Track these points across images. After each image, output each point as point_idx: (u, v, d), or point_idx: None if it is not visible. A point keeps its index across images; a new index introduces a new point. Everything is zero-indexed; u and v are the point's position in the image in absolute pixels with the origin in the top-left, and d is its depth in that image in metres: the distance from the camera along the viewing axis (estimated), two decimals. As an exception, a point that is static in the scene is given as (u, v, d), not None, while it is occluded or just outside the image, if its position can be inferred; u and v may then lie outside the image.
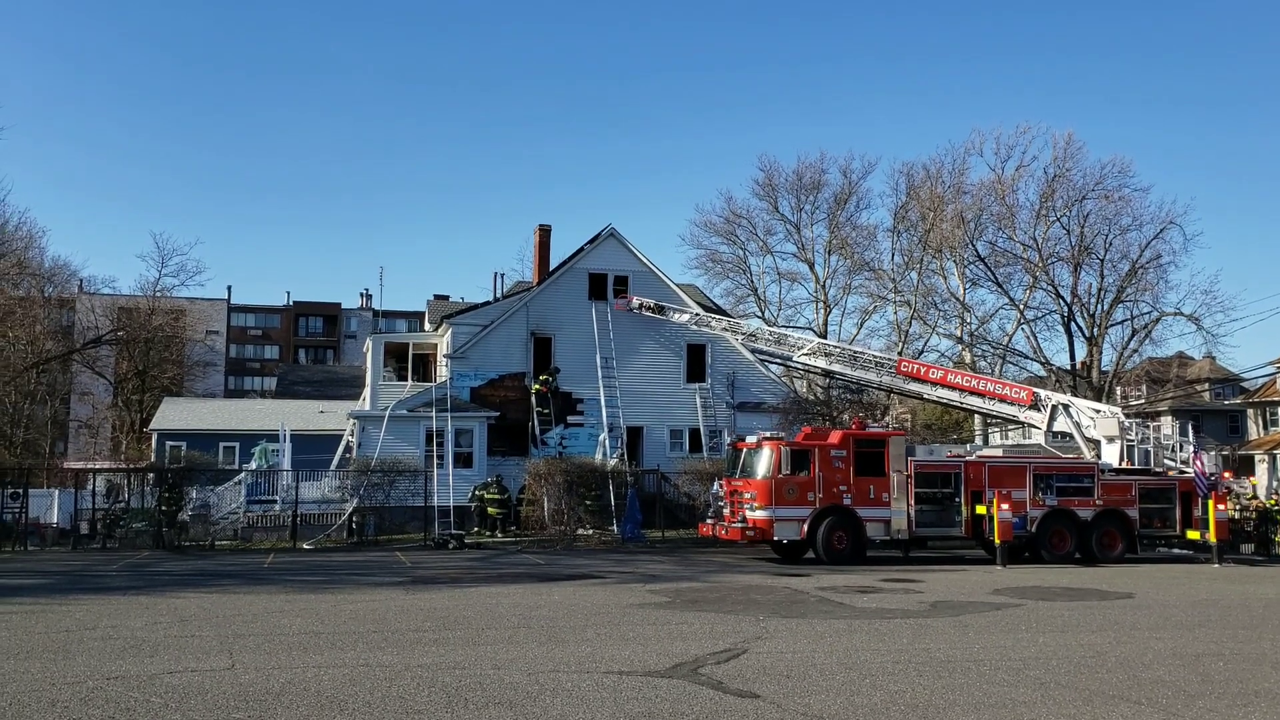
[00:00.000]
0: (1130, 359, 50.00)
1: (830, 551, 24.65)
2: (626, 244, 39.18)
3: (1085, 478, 26.73)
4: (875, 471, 25.45)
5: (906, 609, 15.94)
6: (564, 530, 30.66)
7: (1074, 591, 18.91)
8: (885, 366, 32.92)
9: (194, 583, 19.60)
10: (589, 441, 36.61)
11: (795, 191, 55.42)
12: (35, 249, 58.35)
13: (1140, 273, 47.51)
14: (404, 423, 35.10)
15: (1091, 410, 29.37)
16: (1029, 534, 25.63)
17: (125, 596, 17.18)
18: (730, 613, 15.18)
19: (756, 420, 35.78)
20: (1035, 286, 49.67)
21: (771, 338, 37.53)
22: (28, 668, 10.33)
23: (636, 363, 38.40)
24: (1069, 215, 48.86)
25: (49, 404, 64.63)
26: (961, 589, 19.10)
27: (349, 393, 49.60)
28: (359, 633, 12.91)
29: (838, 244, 53.95)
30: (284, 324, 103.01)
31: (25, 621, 13.91)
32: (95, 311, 62.91)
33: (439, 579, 20.33)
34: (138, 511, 30.18)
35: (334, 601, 16.45)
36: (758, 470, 25.16)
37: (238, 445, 42.66)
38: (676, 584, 19.36)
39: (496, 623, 13.96)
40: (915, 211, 52.00)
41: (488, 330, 37.33)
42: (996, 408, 30.87)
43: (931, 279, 52.31)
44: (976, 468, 26.22)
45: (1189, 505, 26.87)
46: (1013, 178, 50.56)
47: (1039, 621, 14.67)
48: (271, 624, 13.75)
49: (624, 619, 14.39)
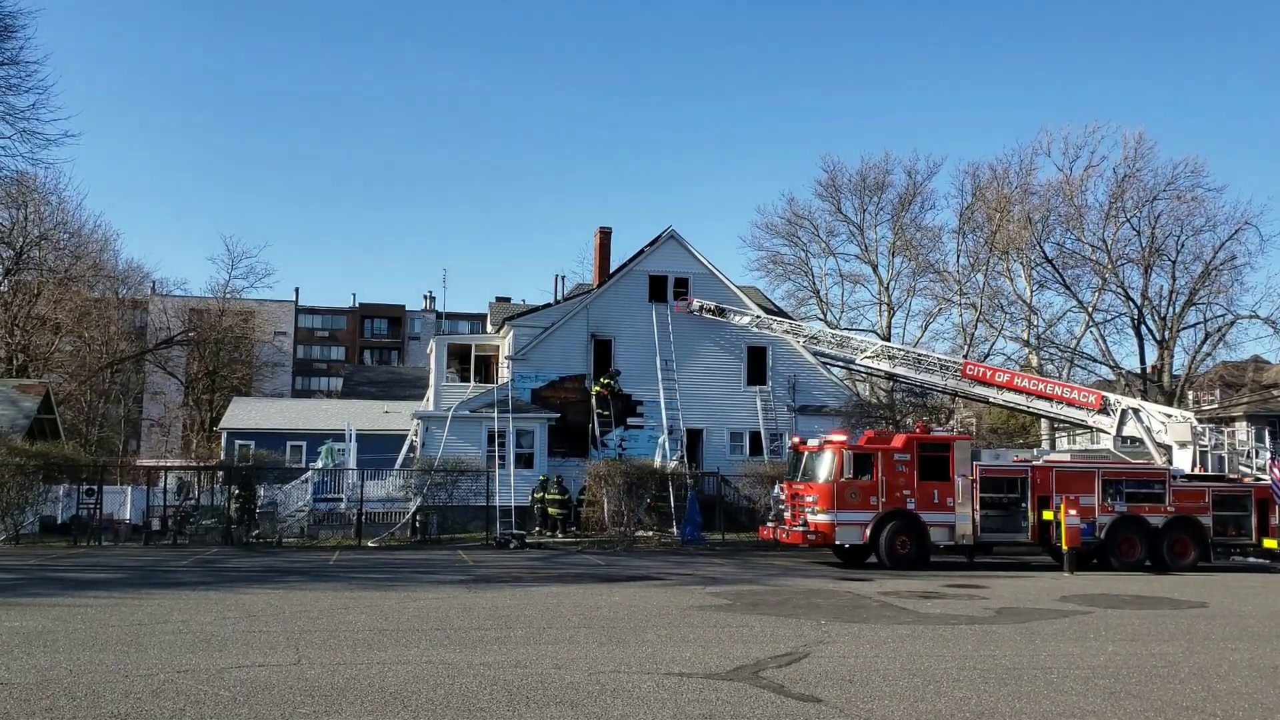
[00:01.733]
0: (1203, 363, 48.77)
1: (893, 556, 24.37)
2: (687, 246, 39.13)
3: (1156, 483, 26.13)
4: (939, 476, 25.11)
5: (971, 615, 15.70)
6: (624, 531, 30.71)
7: (1144, 600, 18.50)
8: (950, 370, 32.50)
9: (261, 579, 19.94)
10: (649, 443, 36.60)
11: (859, 192, 54.96)
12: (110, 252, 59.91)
13: (1214, 274, 46.35)
14: (466, 423, 35.41)
15: (1163, 415, 28.71)
16: (1097, 540, 25.12)
17: (195, 592, 17.53)
18: (791, 616, 15.07)
19: (818, 423, 35.51)
20: (1104, 289, 48.72)
21: (834, 340, 37.22)
22: (102, 659, 10.59)
23: (696, 365, 38.33)
24: (1139, 216, 47.86)
25: (123, 403, 66.30)
26: (1028, 595, 18.78)
27: (413, 393, 50.18)
28: (422, 630, 13.03)
29: (902, 245, 53.37)
30: (350, 325, 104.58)
31: (100, 614, 14.26)
32: (167, 313, 64.44)
33: (501, 578, 20.47)
34: (207, 509, 30.79)
35: (398, 599, 16.64)
36: (819, 474, 24.97)
37: (305, 444, 43.34)
38: (737, 587, 19.29)
39: (557, 622, 14.01)
40: (981, 212, 51.20)
41: (548, 332, 37.53)
42: (1064, 412, 30.32)
43: (998, 281, 51.54)
44: (1043, 472, 25.76)
45: (1265, 513, 26.12)
46: (1081, 178, 49.61)
47: (1108, 630, 14.36)
48: (337, 620, 13.95)
49: (684, 621, 14.37)
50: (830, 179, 55.37)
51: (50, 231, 51.47)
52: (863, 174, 54.84)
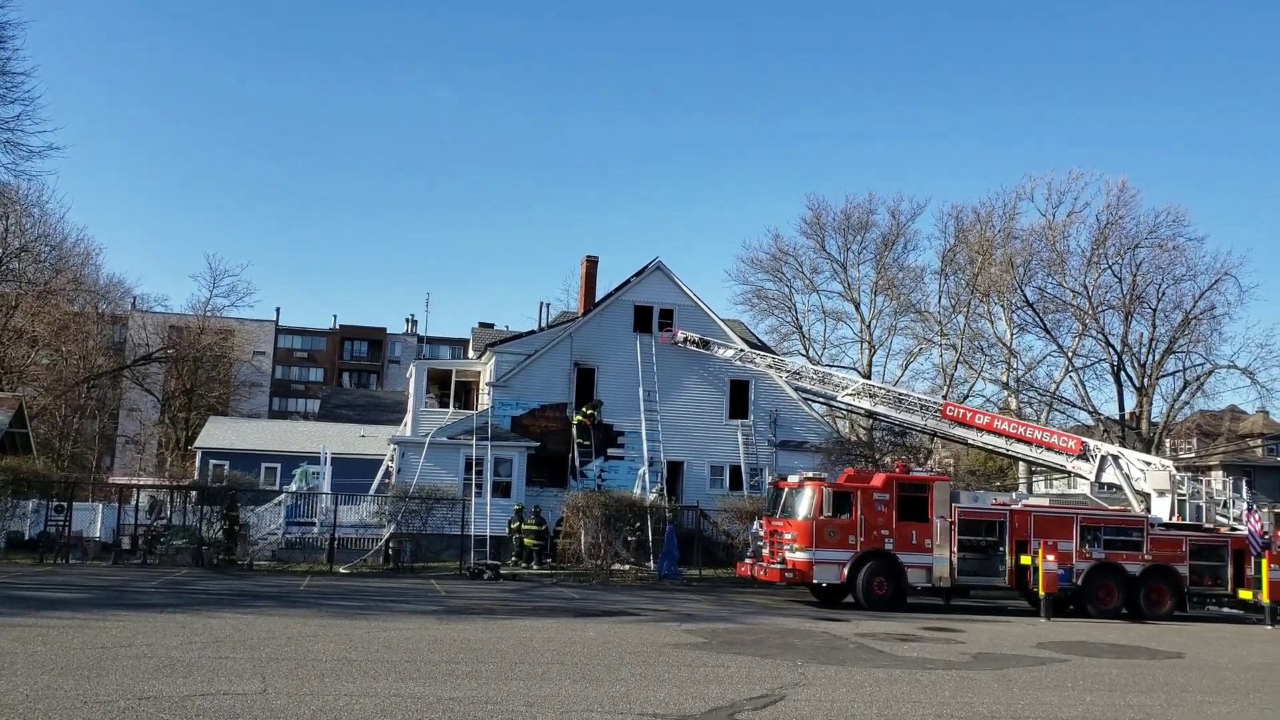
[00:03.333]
0: (1181, 411, 49.05)
1: (870, 597, 24.21)
2: (673, 277, 39.13)
3: (1134, 531, 26.09)
4: (918, 517, 25.01)
5: (948, 659, 15.56)
6: (600, 564, 30.43)
7: (1122, 649, 18.40)
8: (930, 410, 32.49)
9: (230, 603, 19.64)
10: (628, 475, 36.41)
11: (843, 231, 55.19)
12: (91, 266, 59.39)
13: (1193, 324, 46.67)
14: (444, 450, 35.13)
15: (1142, 462, 28.74)
16: (1074, 587, 25.03)
17: (162, 614, 17.23)
18: (767, 657, 14.90)
19: (798, 459, 35.43)
20: (1084, 334, 48.95)
21: (816, 376, 37.20)
22: (61, 684, 10.33)
23: (679, 397, 38.23)
24: (1121, 263, 48.20)
25: (98, 419, 65.63)
26: (1005, 641, 18.66)
27: (391, 418, 49.86)
28: (392, 661, 12.80)
29: (884, 285, 53.59)
30: (329, 347, 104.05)
31: (62, 636, 13.96)
32: (147, 329, 63.86)
33: (473, 609, 20.22)
34: (179, 529, 30.39)
35: (368, 628, 16.38)
36: (799, 511, 24.84)
37: (279, 466, 42.95)
38: (713, 624, 19.10)
39: (530, 657, 13.79)
40: (964, 254, 51.47)
41: (531, 360, 37.36)
42: (1043, 456, 30.30)
43: (978, 323, 51.72)
44: (1022, 516, 25.70)
45: (1241, 564, 26.06)
46: (1064, 224, 49.94)
47: (1086, 679, 14.25)
48: (305, 648, 13.70)
49: (659, 659, 14.17)
50: (815, 216, 55.63)
51: (31, 244, 51.04)
52: (847, 213, 55.14)
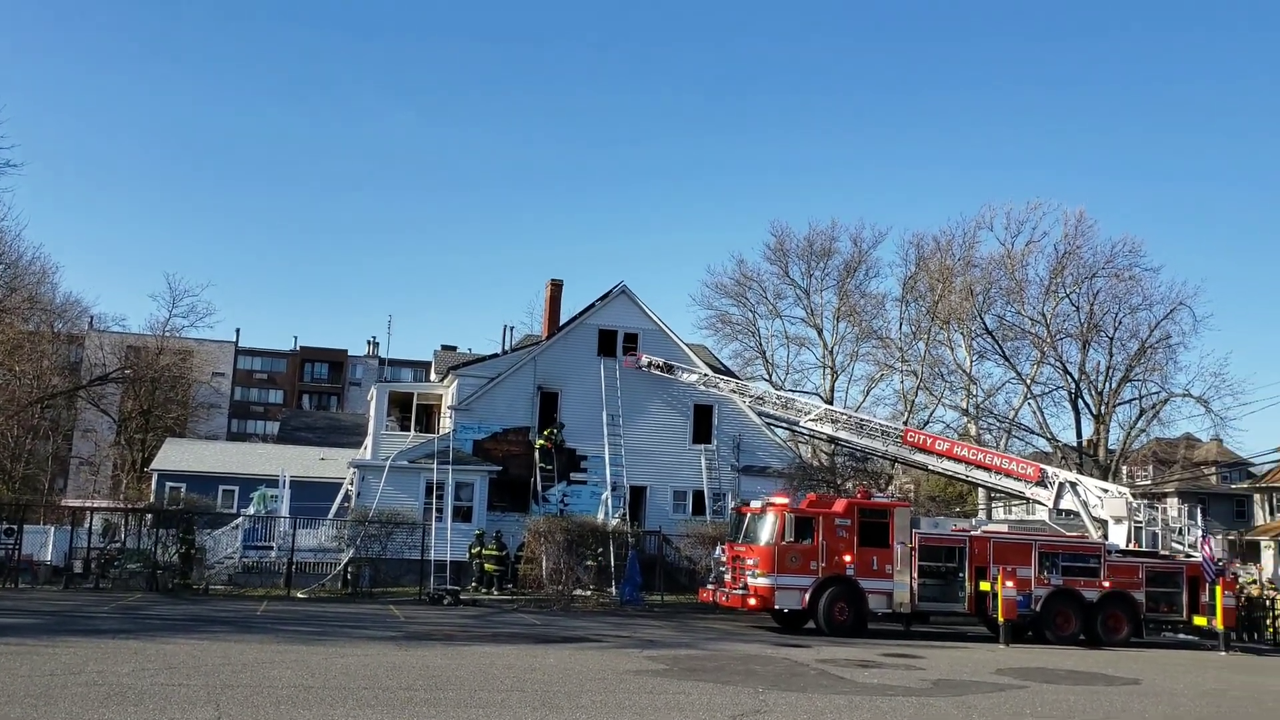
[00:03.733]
0: (1137, 439, 49.65)
1: (831, 623, 24.27)
2: (638, 302, 39.18)
3: (1092, 558, 26.36)
4: (879, 542, 25.14)
5: (908, 686, 15.60)
6: (562, 590, 30.27)
7: (1079, 675, 18.54)
8: (891, 435, 32.71)
9: (185, 628, 19.32)
10: (591, 500, 36.28)
11: (806, 257, 55.53)
12: (47, 284, 58.46)
13: (1149, 352, 47.34)
14: (404, 473, 34.87)
15: (1099, 489, 29.07)
16: (1033, 613, 25.23)
17: (114, 640, 16.91)
18: (729, 683, 14.86)
19: (761, 484, 35.47)
20: (1043, 362, 49.52)
21: (779, 401, 37.36)
22: (7, 713, 10.10)
23: (643, 421, 38.20)
24: (1078, 292, 48.87)
25: (51, 440, 64.47)
26: (964, 667, 18.74)
27: (351, 441, 49.41)
28: (349, 688, 12.64)
29: (846, 311, 53.95)
30: (290, 369, 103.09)
31: (9, 663, 13.66)
32: (104, 349, 62.94)
33: (433, 635, 20.02)
34: (133, 552, 29.90)
35: (325, 654, 16.16)
36: (761, 536, 24.88)
37: (237, 489, 42.46)
38: (675, 651, 19.03)
39: (490, 684, 13.67)
40: (924, 282, 51.98)
41: (494, 383, 37.19)
42: (1003, 482, 30.60)
43: (939, 350, 52.17)
44: (981, 543, 25.91)
45: (1196, 590, 26.41)
46: (1023, 253, 50.60)
47: (1044, 705, 14.33)
48: (261, 675, 13.49)
49: (620, 686, 14.10)
50: (779, 243, 55.95)
51: (-15, 261, 50.21)
52: (810, 240, 55.50)
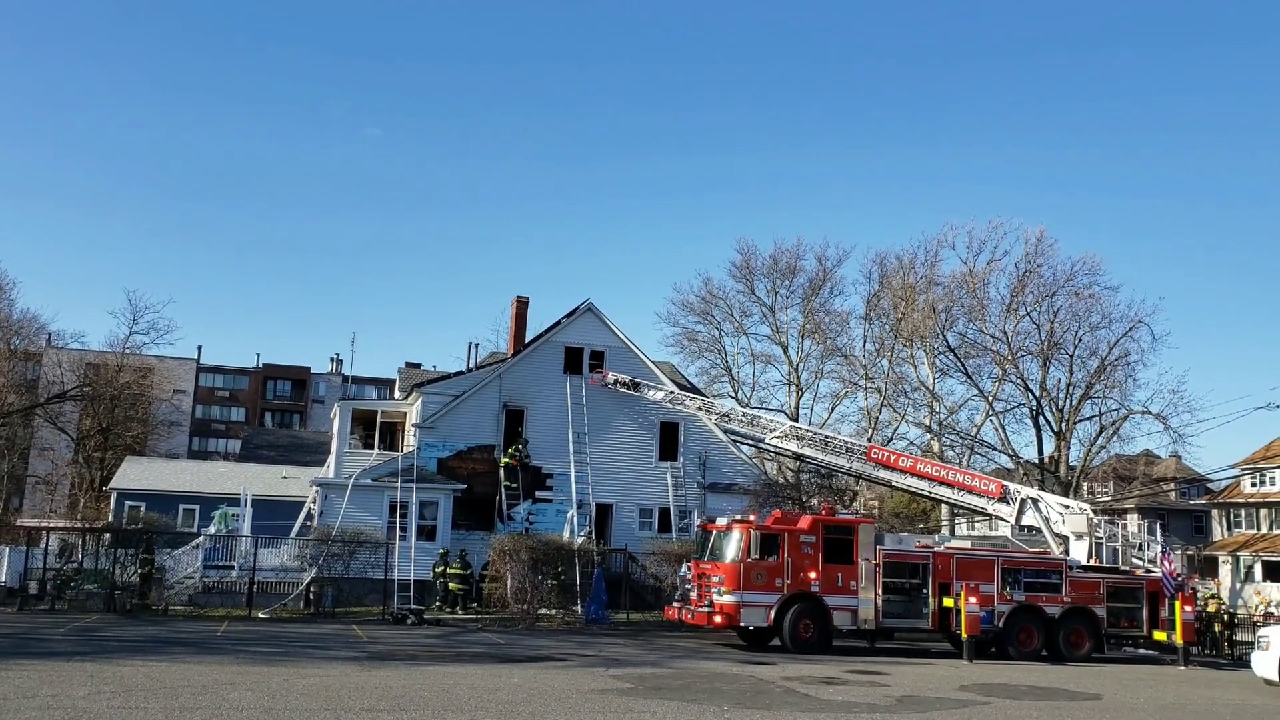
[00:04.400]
0: (1098, 455, 50.27)
1: (796, 640, 24.31)
2: (604, 319, 39.19)
3: (1054, 574, 26.60)
4: (844, 559, 25.23)
5: (872, 703, 15.65)
6: (527, 609, 30.08)
7: (1041, 690, 18.67)
8: (855, 452, 32.90)
9: (143, 650, 19.03)
10: (557, 518, 36.14)
11: (771, 275, 55.89)
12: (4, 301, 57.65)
13: (1109, 370, 48.00)
14: (368, 492, 34.59)
15: (1060, 506, 29.37)
16: (996, 629, 25.39)
17: (70, 662, 16.62)
18: (694, 701, 14.84)
19: (727, 501, 35.47)
20: (1004, 379, 50.08)
21: (745, 419, 37.48)
22: (-40, 738, 9.91)
23: (609, 439, 38.15)
24: (1039, 310, 49.55)
25: (7, 458, 63.35)
26: (928, 684, 18.83)
27: (314, 459, 48.97)
28: (310, 709, 12.50)
29: (811, 328, 54.29)
30: (252, 386, 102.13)
31: (-38, 687, 13.39)
32: (62, 366, 62.02)
33: (396, 655, 19.84)
34: (90, 573, 29.39)
35: (287, 675, 15.97)
36: (726, 553, 24.90)
37: (198, 508, 41.94)
38: (640, 669, 18.98)
39: (453, 705, 13.56)
40: (888, 300, 52.48)
41: (459, 400, 37.01)
42: (965, 499, 30.84)
43: (902, 367, 52.67)
44: (945, 559, 26.06)
45: (1156, 605, 26.74)
46: (984, 271, 51.28)
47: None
48: (220, 697, 13.31)
49: (585, 705, 14.04)
50: (745, 261, 56.28)
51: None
52: (775, 258, 55.88)
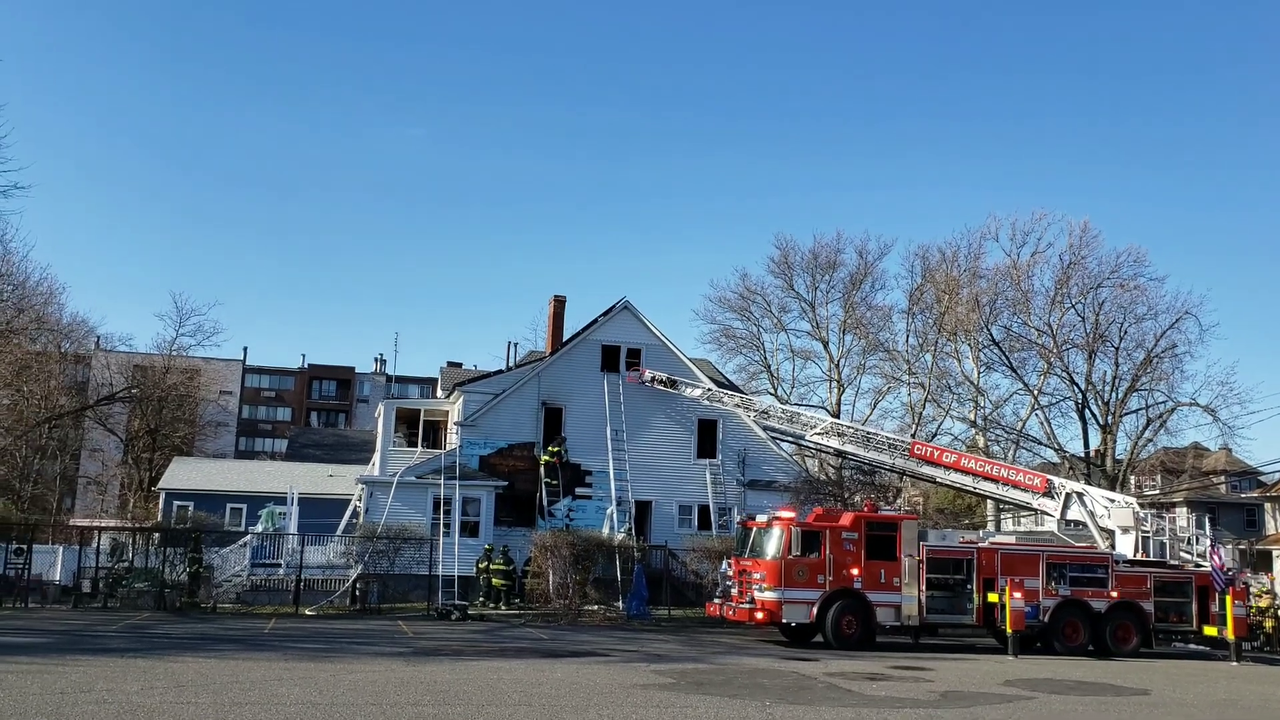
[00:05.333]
0: (1145, 448, 49.53)
1: (839, 636, 24.25)
2: (640, 317, 39.26)
3: (1100, 568, 26.30)
4: (886, 555, 25.11)
5: (916, 698, 15.59)
6: (569, 605, 30.27)
7: (1087, 685, 18.50)
8: (898, 448, 32.68)
9: (193, 646, 19.37)
10: (596, 514, 36.31)
11: (810, 270, 55.61)
12: (54, 305, 58.62)
13: (1155, 362, 47.28)
14: (412, 489, 34.93)
15: (1106, 500, 29.01)
16: (1041, 624, 25.17)
17: (123, 659, 16.96)
18: (736, 697, 14.86)
19: (767, 498, 35.42)
20: (1050, 372, 49.52)
21: (784, 415, 37.38)
22: (19, 731, 10.16)
23: (647, 436, 38.24)
24: (1084, 302, 48.89)
25: (59, 459, 64.58)
26: (972, 679, 18.71)
27: (359, 457, 49.48)
28: (357, 704, 12.67)
29: (852, 324, 53.98)
30: (297, 386, 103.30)
31: (20, 682, 13.72)
32: (110, 368, 63.11)
33: (441, 651, 20.04)
34: (141, 571, 29.94)
35: (333, 671, 16.20)
36: (767, 550, 24.86)
37: (245, 507, 42.47)
38: (682, 665, 19.03)
39: (497, 699, 13.69)
40: (930, 294, 52.06)
41: (499, 399, 37.30)
42: (1010, 494, 30.53)
43: (946, 362, 52.25)
44: (989, 554, 25.85)
45: (1205, 600, 26.32)
46: (1028, 263, 50.71)
47: (1051, 716, 14.32)
48: (269, 692, 13.53)
49: (627, 700, 14.11)
50: (783, 255, 56.06)
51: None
52: (815, 252, 55.60)
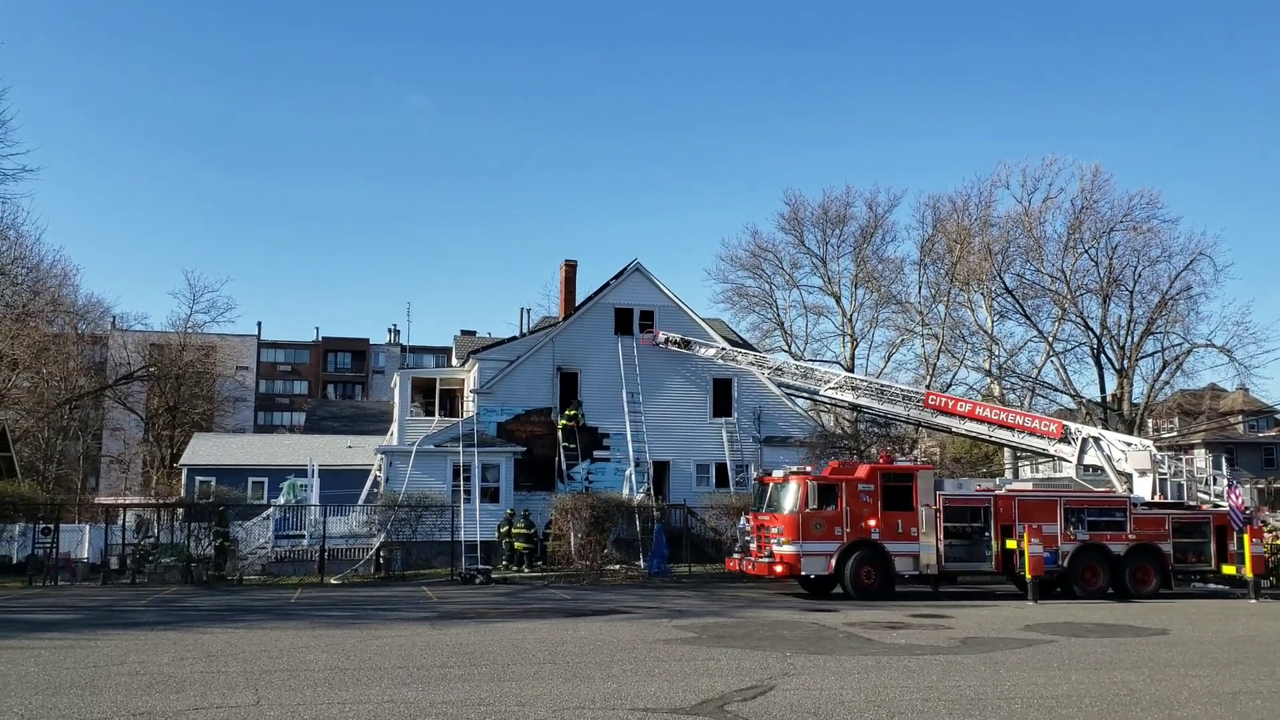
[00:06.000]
0: (1161, 391, 49.35)
1: (858, 587, 24.45)
2: (652, 278, 39.26)
3: (1117, 512, 26.37)
4: (903, 506, 25.23)
5: (936, 645, 15.74)
6: (591, 565, 30.55)
7: (1107, 628, 18.62)
8: (913, 400, 32.70)
9: (221, 618, 19.66)
10: (615, 476, 36.54)
11: (821, 225, 55.25)
12: (69, 287, 58.94)
13: (1170, 304, 47.01)
14: (431, 458, 35.19)
15: (1123, 443, 29.03)
16: (1060, 569, 25.29)
17: (153, 632, 17.25)
18: (757, 649, 15.04)
19: (783, 454, 35.59)
20: (1064, 319, 49.28)
21: (798, 371, 37.42)
22: (55, 703, 10.38)
23: (662, 397, 38.36)
24: (1097, 247, 48.54)
25: (81, 440, 65.26)
26: (992, 625, 18.86)
27: (377, 428, 49.79)
28: (385, 668, 12.88)
29: (864, 277, 53.74)
30: (313, 359, 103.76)
31: (54, 657, 13.98)
32: (127, 348, 63.56)
33: (465, 614, 20.30)
34: (167, 547, 30.32)
35: (360, 637, 16.44)
36: (784, 505, 25.03)
37: (266, 480, 42.83)
38: (703, 619, 19.24)
39: (522, 658, 13.89)
40: (942, 244, 51.72)
41: (514, 365, 37.45)
42: (1026, 441, 30.57)
43: (959, 312, 51.98)
44: (1006, 502, 25.94)
45: (1224, 540, 26.40)
46: (1040, 210, 50.25)
47: (1071, 658, 14.44)
48: (297, 660, 13.76)
49: (650, 655, 14.30)
50: (793, 212, 55.66)
51: (7, 267, 50.57)
52: (824, 207, 55.19)
